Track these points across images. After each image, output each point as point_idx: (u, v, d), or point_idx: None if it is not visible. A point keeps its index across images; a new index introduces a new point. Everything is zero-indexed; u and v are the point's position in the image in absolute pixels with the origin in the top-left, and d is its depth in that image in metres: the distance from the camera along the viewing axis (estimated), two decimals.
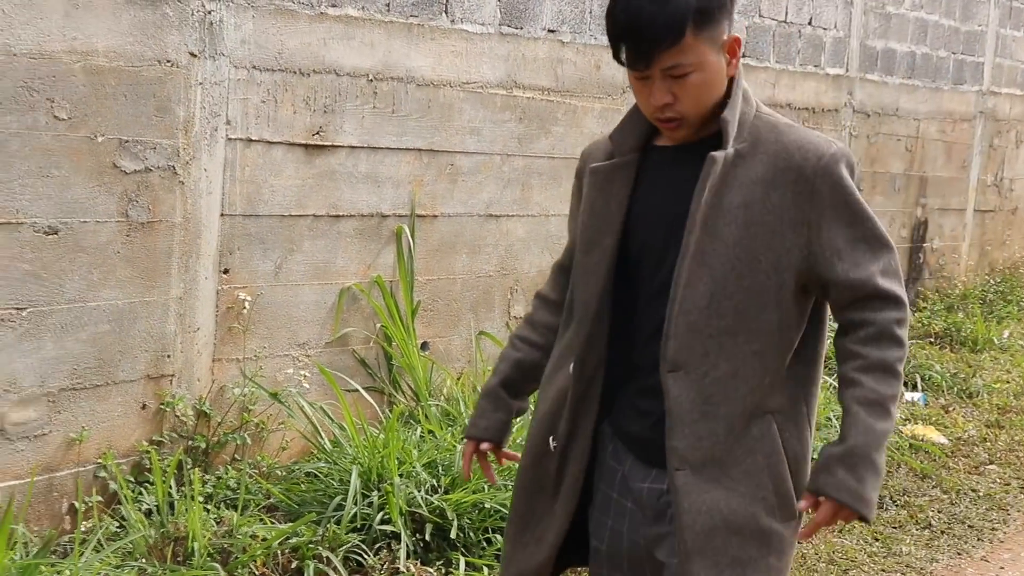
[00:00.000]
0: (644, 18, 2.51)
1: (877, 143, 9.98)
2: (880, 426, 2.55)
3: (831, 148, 2.59)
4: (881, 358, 2.56)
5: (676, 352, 2.62)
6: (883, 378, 2.56)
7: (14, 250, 4.41)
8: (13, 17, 4.28)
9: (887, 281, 2.58)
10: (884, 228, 2.63)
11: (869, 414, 2.55)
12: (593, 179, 2.79)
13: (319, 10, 5.32)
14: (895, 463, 6.78)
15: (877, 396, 2.55)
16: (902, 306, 2.59)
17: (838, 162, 2.58)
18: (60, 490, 4.69)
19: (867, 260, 2.58)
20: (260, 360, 5.30)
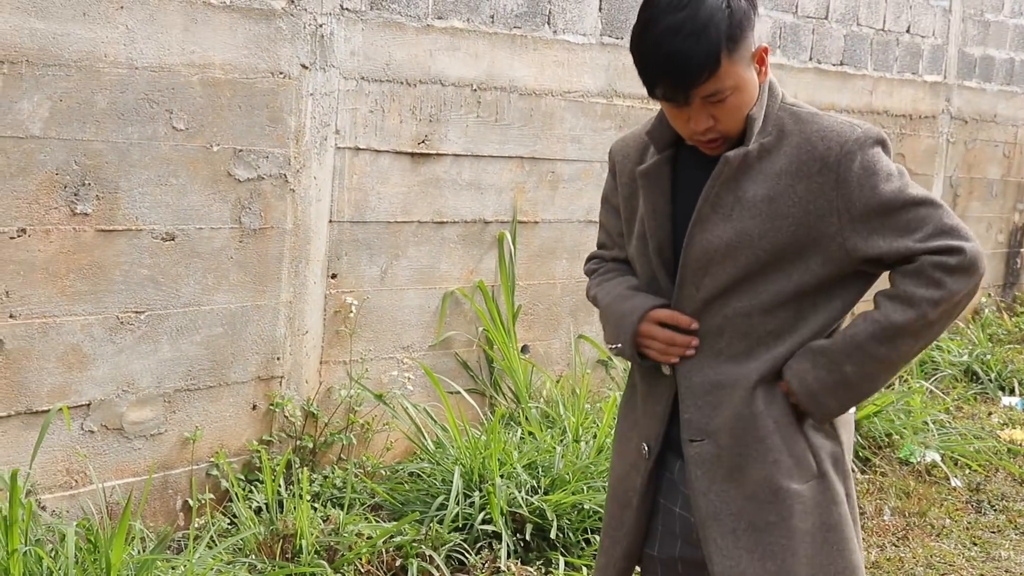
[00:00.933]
0: (680, 57, 2.46)
1: (975, 149, 9.93)
2: (870, 345, 2.53)
3: (854, 133, 2.56)
4: (908, 291, 2.51)
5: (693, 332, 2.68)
6: (900, 307, 2.52)
7: (133, 256, 4.57)
8: (136, 32, 4.44)
9: (935, 240, 2.51)
10: (921, 188, 2.56)
11: (865, 329, 2.54)
12: (645, 181, 2.76)
13: (426, 22, 5.44)
14: (993, 468, 6.77)
15: (884, 319, 2.52)
16: (953, 251, 2.49)
17: (862, 145, 2.54)
18: (175, 488, 4.85)
19: (911, 227, 2.52)
20: (366, 362, 5.42)
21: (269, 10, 4.83)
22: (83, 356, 4.48)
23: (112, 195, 4.47)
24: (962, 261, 2.48)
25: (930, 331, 2.54)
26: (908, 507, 6.04)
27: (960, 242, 2.50)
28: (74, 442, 4.50)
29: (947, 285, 2.48)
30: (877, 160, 2.54)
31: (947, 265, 2.48)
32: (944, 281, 2.48)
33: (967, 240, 2.51)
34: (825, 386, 2.56)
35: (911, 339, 2.53)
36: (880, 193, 2.52)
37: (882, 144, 2.57)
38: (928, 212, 2.52)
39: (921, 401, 7.36)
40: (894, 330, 2.51)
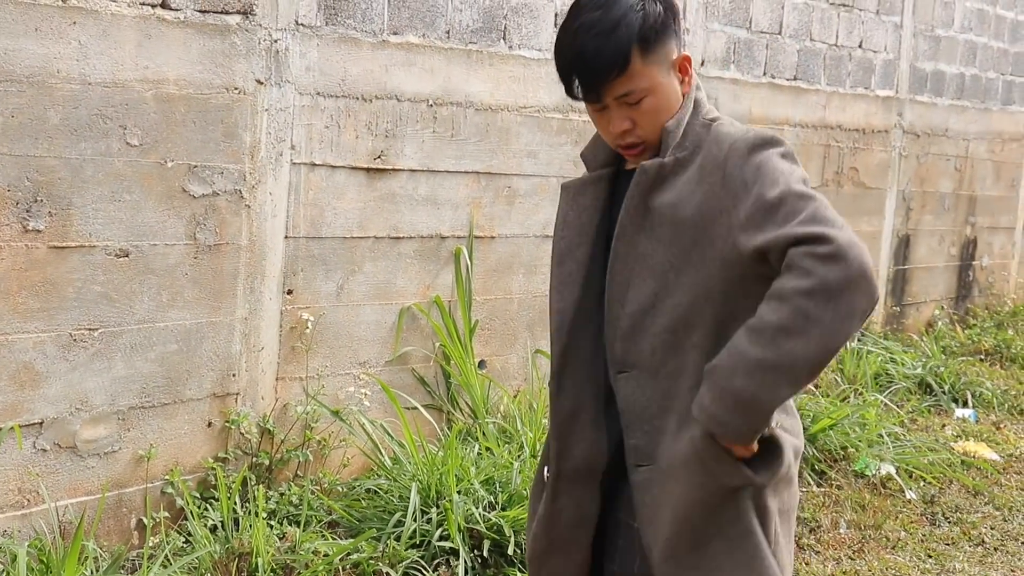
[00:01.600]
0: (589, 52, 2.55)
1: (927, 163, 10.01)
2: (752, 351, 2.37)
3: (746, 135, 2.54)
4: (779, 287, 2.37)
5: (624, 353, 2.64)
6: (775, 307, 2.37)
7: (87, 272, 4.54)
8: (89, 48, 4.41)
9: (806, 227, 2.38)
10: (805, 186, 2.46)
11: (744, 337, 2.40)
12: (565, 195, 2.81)
13: (381, 38, 5.44)
14: (947, 480, 6.82)
15: (759, 322, 2.38)
16: (822, 239, 2.35)
17: (750, 145, 2.51)
18: (129, 506, 4.81)
19: (788, 219, 2.41)
20: (322, 378, 5.40)
21: (224, 25, 4.81)
22: (35, 374, 4.44)
23: (65, 211, 4.43)
24: (831, 249, 2.33)
25: (815, 325, 2.33)
26: (864, 520, 6.07)
27: (829, 230, 2.36)
28: (26, 461, 4.46)
29: (816, 272, 2.32)
30: (765, 160, 2.49)
31: (815, 253, 2.34)
32: (813, 269, 2.33)
33: (838, 229, 2.37)
34: (723, 406, 2.42)
35: (794, 337, 2.34)
36: (762, 189, 2.46)
37: (773, 145, 2.52)
38: (804, 204, 2.41)
39: (875, 414, 7.41)
40: (771, 330, 2.36)
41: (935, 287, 10.53)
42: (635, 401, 2.64)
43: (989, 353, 9.90)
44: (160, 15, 4.60)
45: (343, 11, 5.26)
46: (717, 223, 2.52)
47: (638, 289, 2.61)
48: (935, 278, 10.50)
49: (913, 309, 10.23)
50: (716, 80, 7.49)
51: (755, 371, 2.38)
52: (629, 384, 2.65)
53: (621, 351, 2.65)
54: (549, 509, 2.81)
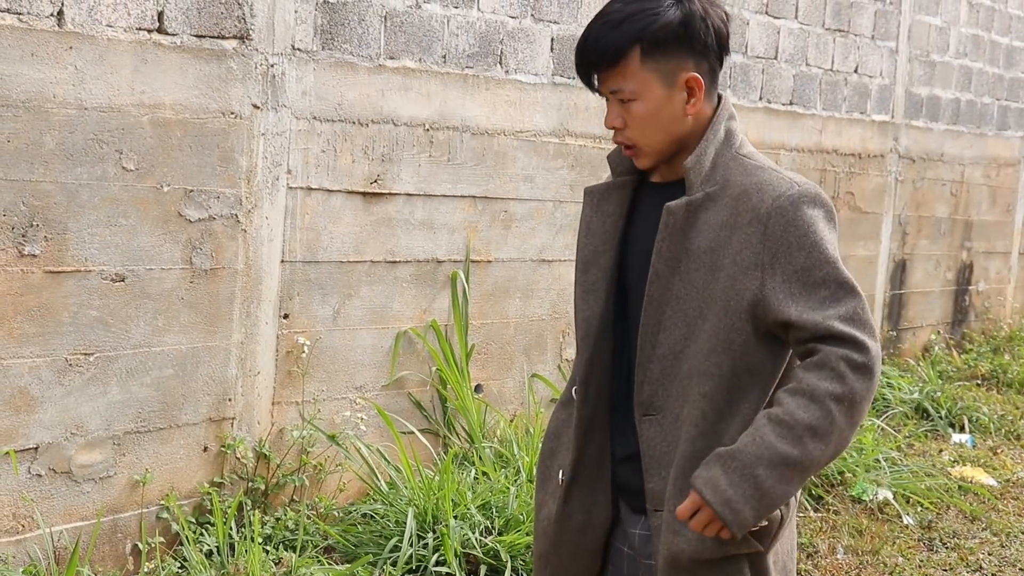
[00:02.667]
0: (591, 38, 2.60)
1: (922, 188, 10.03)
2: (780, 446, 2.41)
3: (791, 189, 2.53)
4: (812, 385, 2.41)
5: (651, 396, 2.63)
6: (805, 404, 2.41)
7: (83, 297, 4.53)
8: (85, 73, 4.41)
9: (847, 325, 2.43)
10: (850, 274, 2.51)
11: (772, 430, 2.42)
12: (589, 199, 2.81)
13: (378, 62, 5.45)
14: (944, 505, 6.81)
15: (789, 418, 2.41)
16: (861, 348, 2.41)
17: (795, 202, 2.50)
18: (124, 531, 4.79)
19: (826, 304, 2.45)
20: (318, 403, 5.40)
21: (220, 50, 4.82)
22: (31, 399, 4.43)
23: (61, 236, 4.43)
24: (866, 361, 2.41)
25: (837, 432, 2.41)
26: (861, 545, 6.05)
27: (868, 338, 2.43)
28: (21, 486, 4.45)
29: (848, 381, 2.39)
30: (809, 221, 2.51)
31: (852, 361, 2.41)
32: (847, 376, 2.40)
33: (872, 338, 2.44)
34: (741, 493, 2.43)
35: (819, 439, 2.40)
36: (804, 255, 2.49)
37: (819, 205, 2.53)
38: (845, 296, 2.46)
39: (873, 439, 7.39)
40: (801, 428, 2.40)
41: (931, 312, 10.53)
42: (656, 446, 2.64)
43: (986, 378, 9.90)
44: (156, 40, 4.61)
45: (339, 36, 5.27)
46: (750, 275, 2.51)
47: (669, 332, 2.60)
48: (931, 303, 10.50)
49: (909, 334, 10.23)
50: None
51: (779, 466, 2.42)
52: (652, 428, 2.64)
53: (649, 394, 2.64)
54: (560, 512, 2.82)
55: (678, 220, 2.59)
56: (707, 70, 2.65)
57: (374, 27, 5.41)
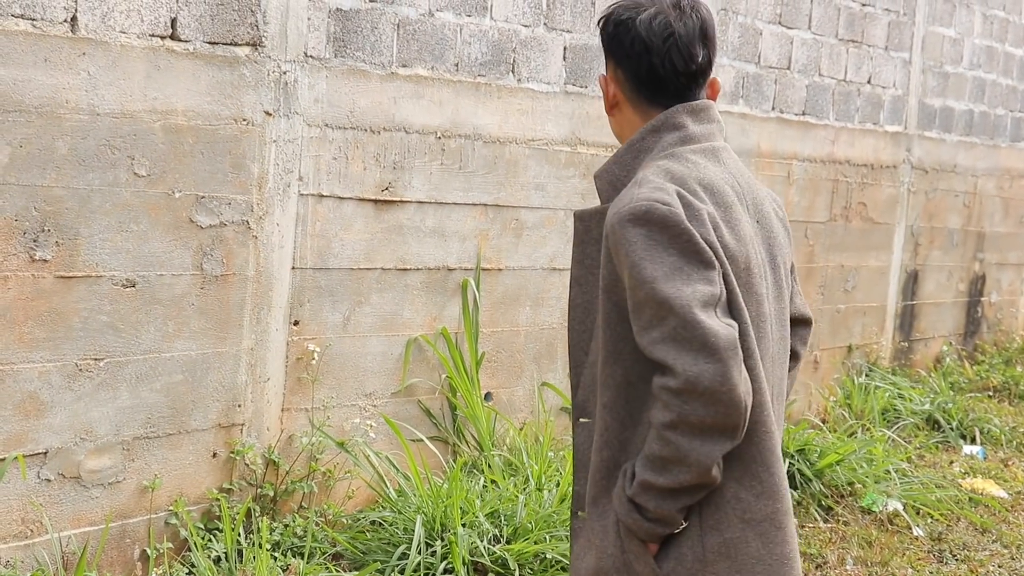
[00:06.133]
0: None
1: (935, 199, 10.01)
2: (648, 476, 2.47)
3: (624, 207, 2.48)
4: (653, 420, 2.45)
5: (583, 401, 2.68)
6: (653, 437, 2.46)
7: (93, 302, 4.54)
8: (98, 79, 4.42)
9: (660, 350, 2.40)
10: (672, 288, 2.41)
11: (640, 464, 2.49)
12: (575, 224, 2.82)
13: (390, 70, 5.45)
14: (955, 517, 6.79)
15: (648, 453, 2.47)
16: (672, 372, 2.38)
17: (621, 221, 2.46)
18: (132, 536, 4.80)
19: (649, 327, 2.42)
20: (328, 410, 5.40)
21: (233, 57, 4.83)
22: (40, 404, 4.44)
23: (72, 241, 4.44)
24: (679, 383, 2.38)
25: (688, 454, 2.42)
26: (870, 556, 6.04)
27: (677, 361, 2.38)
28: (30, 491, 4.45)
29: (673, 407, 2.40)
30: (629, 240, 2.45)
31: (668, 388, 2.40)
32: (670, 404, 2.40)
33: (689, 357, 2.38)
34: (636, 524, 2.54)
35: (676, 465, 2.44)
36: (628, 275, 2.45)
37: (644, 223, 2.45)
38: (665, 316, 2.40)
39: (883, 450, 7.38)
40: (657, 459, 2.46)
41: (943, 323, 10.51)
42: (581, 450, 2.68)
43: (997, 390, 9.88)
44: (169, 46, 4.62)
45: (352, 43, 5.28)
46: (618, 287, 2.53)
47: (596, 340, 2.63)
48: (943, 314, 10.48)
49: (921, 345, 10.21)
50: (724, 115, 7.50)
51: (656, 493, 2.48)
52: (583, 433, 2.68)
53: (582, 399, 2.69)
54: None
55: (591, 228, 2.63)
56: (627, 78, 2.66)
57: (387, 35, 5.42)
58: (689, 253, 2.45)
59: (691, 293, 2.41)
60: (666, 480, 2.45)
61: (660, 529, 2.53)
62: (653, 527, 2.52)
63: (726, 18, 7.44)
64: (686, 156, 2.62)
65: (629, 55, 2.64)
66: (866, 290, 9.26)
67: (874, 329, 9.43)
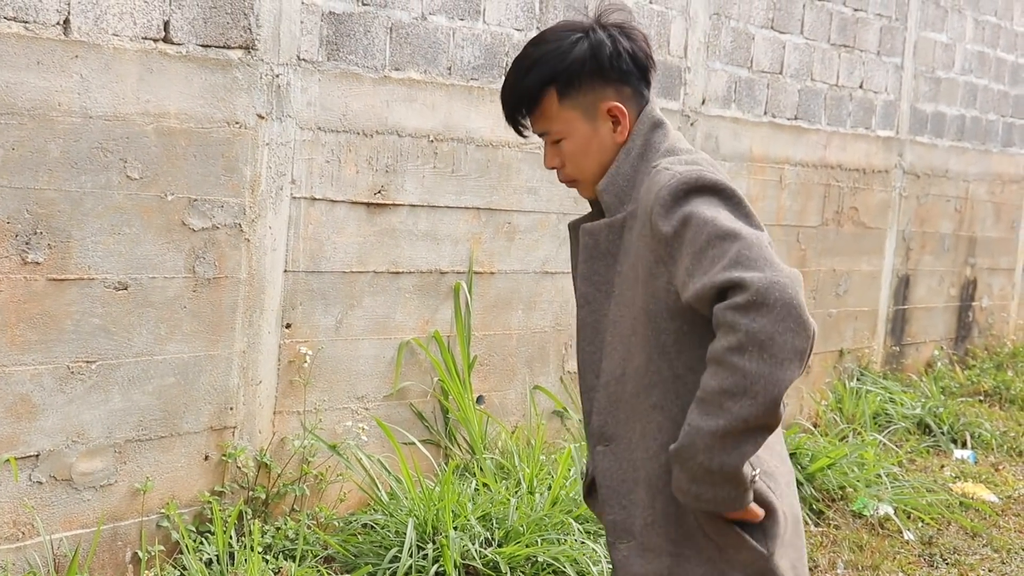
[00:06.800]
0: (507, 87, 2.67)
1: (927, 204, 10.03)
2: (706, 424, 2.31)
3: (670, 180, 2.47)
4: (713, 350, 2.33)
5: (602, 426, 2.61)
6: (712, 371, 2.32)
7: (85, 305, 4.54)
8: (90, 81, 4.43)
9: (727, 272, 2.31)
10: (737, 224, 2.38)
11: (696, 411, 2.34)
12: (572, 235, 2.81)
13: (383, 73, 5.46)
14: (945, 521, 6.80)
15: (704, 392, 2.33)
16: (740, 287, 2.29)
17: (673, 191, 2.44)
18: (124, 539, 4.80)
19: (714, 263, 2.34)
20: (320, 413, 5.40)
21: (226, 60, 4.83)
22: (32, 406, 4.43)
23: (64, 244, 4.44)
24: (748, 297, 2.27)
25: (755, 381, 2.28)
26: (861, 560, 6.05)
27: (746, 273, 2.29)
28: (22, 493, 4.45)
29: (741, 326, 2.27)
30: (686, 206, 2.43)
31: (735, 305, 2.28)
32: (737, 323, 2.28)
33: (757, 270, 2.30)
34: (702, 484, 2.37)
35: (739, 398, 2.29)
36: (691, 232, 2.40)
37: (698, 190, 2.45)
38: (727, 246, 2.34)
39: (874, 454, 7.40)
40: (715, 396, 2.31)
41: (934, 327, 10.53)
42: (612, 476, 2.61)
43: (988, 394, 9.90)
44: (162, 49, 4.62)
45: (345, 47, 5.29)
46: (658, 273, 2.48)
47: (610, 359, 2.59)
48: (934, 318, 10.50)
49: (912, 349, 10.23)
50: (717, 119, 7.51)
51: (715, 442, 2.32)
52: (607, 459, 2.62)
53: (599, 424, 2.63)
54: None
55: (600, 243, 2.60)
56: (629, 94, 2.66)
57: (380, 38, 5.42)
58: (744, 215, 2.44)
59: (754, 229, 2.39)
60: (727, 421, 2.29)
61: (736, 494, 2.38)
62: (729, 493, 2.37)
63: (719, 23, 7.45)
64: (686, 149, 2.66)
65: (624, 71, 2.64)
66: (858, 294, 9.28)
67: (865, 333, 9.45)
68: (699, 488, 2.38)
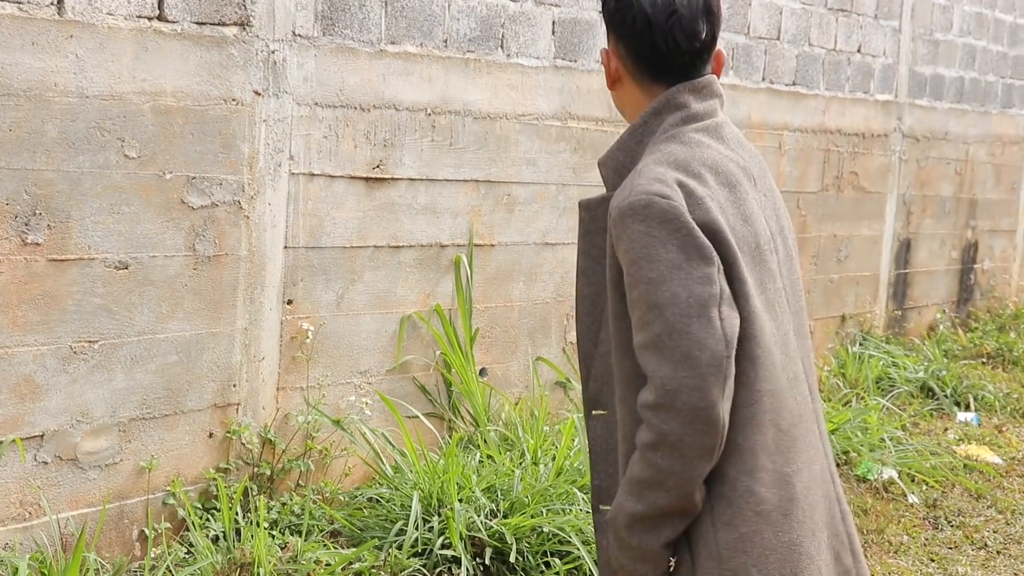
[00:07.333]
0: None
1: (927, 167, 10.02)
2: (627, 504, 2.41)
3: (625, 200, 2.41)
4: (638, 438, 2.38)
5: (597, 393, 2.62)
6: (636, 459, 2.39)
7: (86, 285, 4.55)
8: (86, 61, 4.42)
9: (645, 356, 2.34)
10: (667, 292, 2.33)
11: (622, 489, 2.44)
12: None
13: (378, 47, 5.45)
14: (949, 483, 6.82)
15: (629, 475, 2.41)
16: (654, 388, 2.32)
17: (622, 215, 2.40)
18: (130, 517, 4.81)
19: (637, 328, 2.37)
20: (323, 388, 5.41)
21: (221, 37, 4.82)
22: (36, 387, 4.44)
23: (64, 224, 4.44)
24: (657, 399, 2.32)
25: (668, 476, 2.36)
26: (866, 524, 6.07)
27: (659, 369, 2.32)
28: (27, 474, 4.47)
29: (654, 426, 2.33)
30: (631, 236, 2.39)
31: (647, 404, 2.34)
32: (650, 422, 2.34)
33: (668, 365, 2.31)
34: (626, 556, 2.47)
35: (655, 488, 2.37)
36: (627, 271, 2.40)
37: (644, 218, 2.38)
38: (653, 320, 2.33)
39: (877, 418, 7.41)
40: (635, 483, 2.40)
41: (936, 291, 10.53)
42: (601, 443, 2.62)
43: (991, 356, 9.90)
44: (157, 27, 4.61)
45: (340, 21, 5.28)
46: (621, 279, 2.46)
47: (607, 330, 2.57)
48: (936, 282, 10.50)
49: (914, 313, 10.23)
50: None
51: (634, 523, 2.42)
52: (599, 425, 2.63)
53: (595, 391, 2.63)
54: None
55: (596, 216, 2.57)
56: (629, 54, 2.59)
57: (375, 12, 5.41)
58: (689, 248, 2.36)
59: (686, 298, 2.33)
60: (644, 507, 2.39)
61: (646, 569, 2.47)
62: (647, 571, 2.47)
63: None
64: (689, 136, 2.54)
65: (632, 32, 2.55)
66: (859, 259, 9.28)
67: (867, 298, 9.46)
68: (623, 558, 2.48)
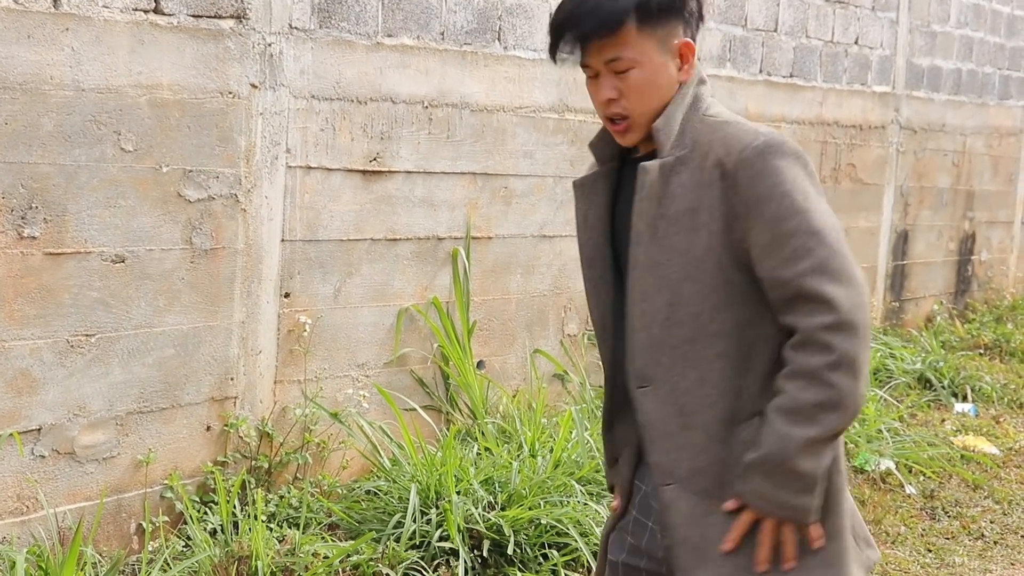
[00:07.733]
0: (587, 7, 2.55)
1: (924, 158, 10.02)
2: (798, 432, 2.42)
3: (756, 140, 2.50)
4: (804, 364, 2.42)
5: (642, 367, 2.61)
6: (805, 385, 2.41)
7: (83, 278, 4.54)
8: (82, 54, 4.41)
9: (816, 280, 2.42)
10: (826, 221, 2.48)
11: (786, 421, 2.43)
12: (579, 192, 2.79)
13: (375, 40, 5.44)
14: (947, 474, 6.82)
15: (796, 403, 2.42)
16: (833, 309, 2.40)
17: (761, 152, 2.48)
18: (128, 511, 4.81)
19: (796, 258, 2.43)
20: (320, 381, 5.41)
21: (217, 30, 4.82)
22: (33, 380, 4.44)
23: (60, 218, 4.44)
24: (839, 318, 2.40)
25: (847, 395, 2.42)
26: (864, 515, 6.06)
27: (835, 291, 2.41)
28: (25, 468, 4.46)
29: (835, 347, 2.41)
30: (776, 170, 2.47)
31: (827, 326, 2.40)
32: (831, 344, 2.41)
33: (843, 286, 2.42)
34: (790, 489, 2.47)
35: (832, 410, 2.42)
36: (774, 206, 2.46)
37: (786, 154, 2.50)
38: (816, 247, 2.44)
39: (875, 409, 7.41)
40: (810, 408, 2.42)
41: (934, 282, 10.53)
42: (657, 417, 2.61)
43: (988, 347, 9.90)
44: (153, 20, 4.61)
45: (337, 14, 5.27)
46: (733, 230, 2.50)
47: (651, 301, 2.57)
48: (934, 273, 10.50)
49: (912, 304, 10.24)
50: (712, 78, 7.48)
51: (807, 449, 2.44)
52: (649, 399, 2.62)
53: (641, 364, 2.62)
54: None
55: (654, 181, 2.56)
56: (692, 37, 2.66)
57: (371, 5, 5.40)
58: (816, 183, 2.53)
59: (833, 225, 2.49)
60: (819, 431, 2.43)
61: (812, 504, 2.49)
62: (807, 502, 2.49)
63: None
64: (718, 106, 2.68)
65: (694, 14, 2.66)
66: (856, 251, 9.24)
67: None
68: (784, 494, 2.47)
